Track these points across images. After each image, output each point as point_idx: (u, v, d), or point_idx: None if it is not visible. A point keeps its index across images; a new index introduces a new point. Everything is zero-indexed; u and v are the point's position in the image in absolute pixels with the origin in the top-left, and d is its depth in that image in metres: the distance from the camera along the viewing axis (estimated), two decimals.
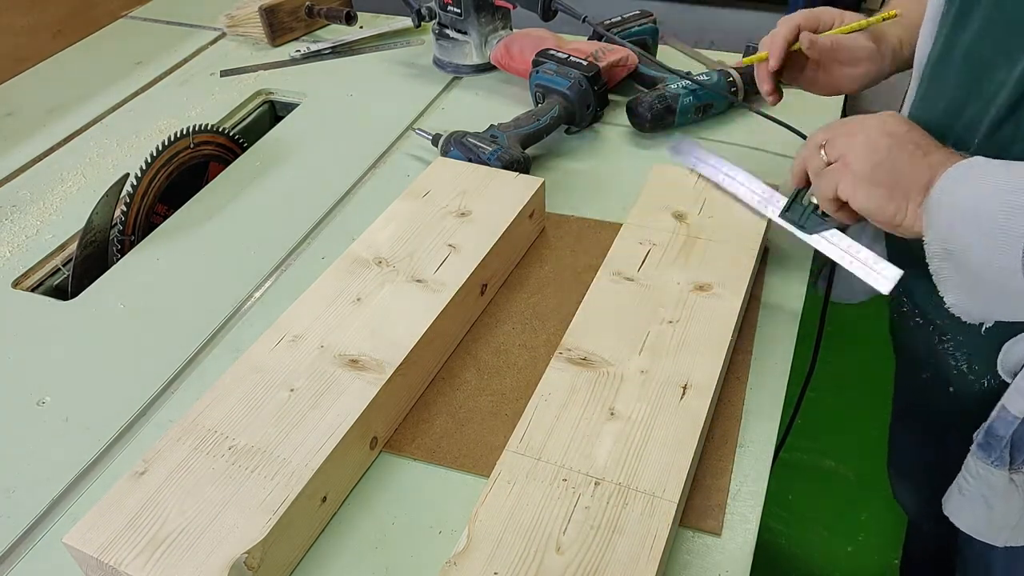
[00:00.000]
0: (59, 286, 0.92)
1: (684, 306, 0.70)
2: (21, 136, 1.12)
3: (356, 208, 0.95)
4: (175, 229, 0.93)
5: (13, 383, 0.75)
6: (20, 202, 1.00)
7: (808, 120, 0.94)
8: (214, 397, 0.63)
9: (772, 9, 1.81)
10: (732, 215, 0.80)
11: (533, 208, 0.84)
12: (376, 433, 0.65)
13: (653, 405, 0.62)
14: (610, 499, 0.56)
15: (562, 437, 0.60)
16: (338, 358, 0.66)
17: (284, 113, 1.19)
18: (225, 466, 0.58)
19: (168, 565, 0.52)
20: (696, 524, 0.60)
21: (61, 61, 1.32)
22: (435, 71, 1.21)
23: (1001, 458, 0.65)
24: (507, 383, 0.71)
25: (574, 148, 1.02)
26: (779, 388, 0.70)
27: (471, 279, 0.74)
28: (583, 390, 0.63)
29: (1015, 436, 0.63)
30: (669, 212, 0.80)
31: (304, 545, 0.60)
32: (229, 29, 1.34)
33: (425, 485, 0.64)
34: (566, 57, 1.03)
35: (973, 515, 0.69)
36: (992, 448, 0.65)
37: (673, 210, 0.81)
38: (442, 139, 0.95)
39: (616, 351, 0.66)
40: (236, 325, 0.80)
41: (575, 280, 0.81)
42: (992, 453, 0.65)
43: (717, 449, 0.65)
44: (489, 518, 0.55)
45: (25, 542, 0.63)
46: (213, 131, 1.04)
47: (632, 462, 0.58)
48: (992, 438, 0.65)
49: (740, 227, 0.78)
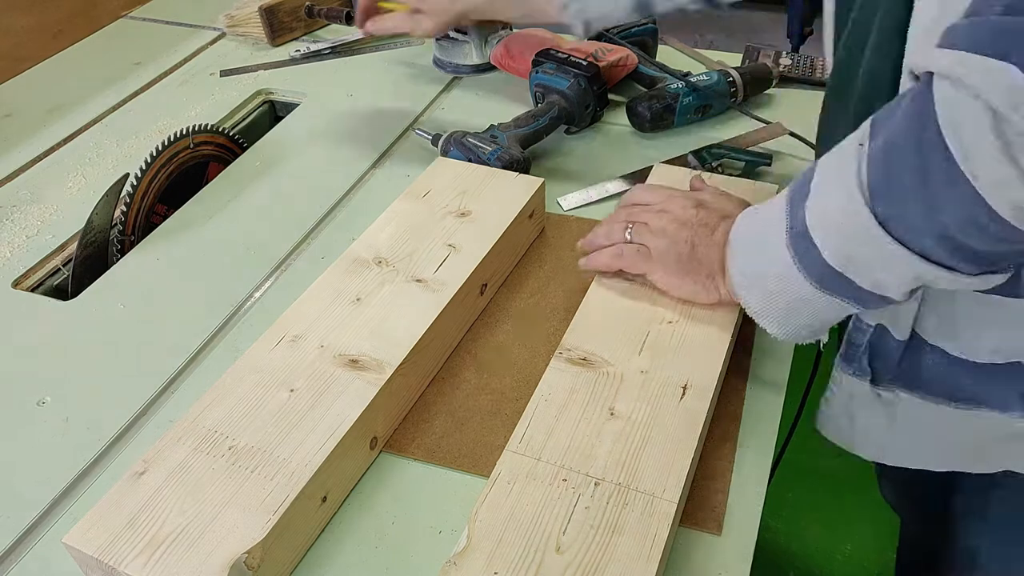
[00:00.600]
0: (59, 286, 0.92)
1: (684, 306, 0.70)
2: (21, 136, 1.12)
3: (356, 208, 0.95)
4: (175, 229, 0.93)
5: (13, 383, 0.75)
6: (20, 202, 1.00)
7: (801, 121, 0.95)
8: (214, 397, 0.63)
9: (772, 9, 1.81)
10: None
11: (533, 208, 0.84)
12: (376, 433, 0.65)
13: (653, 405, 0.62)
14: (610, 499, 0.56)
15: (562, 437, 0.60)
16: (338, 358, 0.66)
17: (284, 113, 1.19)
18: (225, 466, 0.58)
19: (168, 565, 0.52)
20: (696, 524, 0.60)
21: (61, 61, 1.32)
22: (435, 71, 1.21)
23: (861, 368, 0.66)
24: (507, 383, 0.71)
25: (574, 148, 1.02)
26: (780, 388, 0.70)
27: (471, 279, 0.74)
28: (583, 390, 0.63)
29: (872, 347, 0.65)
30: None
31: (304, 545, 0.60)
32: (229, 29, 1.34)
33: (425, 485, 0.64)
34: (566, 57, 1.03)
35: (837, 426, 0.72)
36: (851, 358, 0.66)
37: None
38: (442, 139, 0.95)
39: (616, 351, 0.66)
40: (236, 325, 0.80)
41: (575, 280, 0.81)
42: (852, 363, 0.66)
43: (717, 449, 0.65)
44: (489, 518, 0.55)
45: (25, 542, 0.63)
46: (213, 131, 1.04)
47: (632, 462, 0.58)
48: (851, 347, 0.66)
49: None
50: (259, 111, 1.20)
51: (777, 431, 0.67)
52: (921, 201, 0.48)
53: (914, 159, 0.47)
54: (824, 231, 0.54)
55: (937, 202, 0.47)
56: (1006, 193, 0.44)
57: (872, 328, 0.64)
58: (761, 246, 0.60)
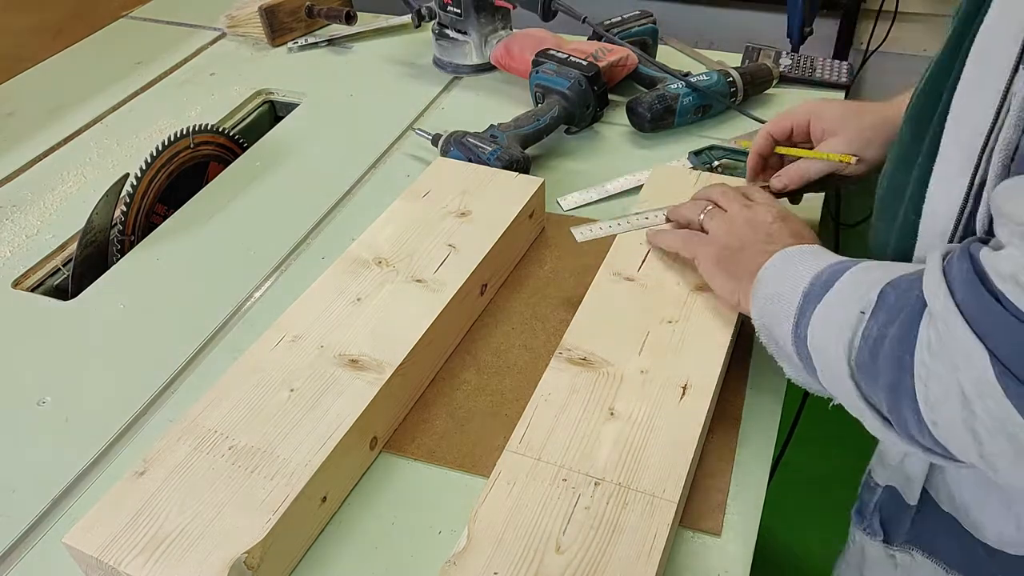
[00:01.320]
0: (59, 286, 0.92)
1: (684, 306, 0.70)
2: (21, 136, 1.12)
3: (356, 208, 0.95)
4: (175, 229, 0.93)
5: (13, 383, 0.75)
6: (20, 202, 1.00)
7: None
8: (214, 397, 0.63)
9: (772, 9, 1.81)
10: None
11: (533, 208, 0.84)
12: (376, 433, 0.65)
13: (653, 405, 0.62)
14: (610, 499, 0.56)
15: (562, 437, 0.60)
16: (338, 358, 0.66)
17: (284, 113, 1.19)
18: (225, 466, 0.58)
19: (168, 565, 0.52)
20: (696, 524, 0.60)
21: (61, 61, 1.32)
22: (435, 71, 1.21)
23: (872, 527, 0.66)
24: (507, 383, 0.71)
25: (574, 148, 1.02)
26: (779, 388, 0.70)
27: (471, 279, 0.74)
28: (583, 390, 0.63)
29: (882, 508, 0.65)
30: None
31: (304, 545, 0.60)
32: (229, 29, 1.34)
33: (425, 485, 0.64)
34: (566, 57, 1.03)
35: None
36: (863, 516, 0.67)
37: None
38: (442, 139, 0.95)
39: (616, 351, 0.66)
40: (236, 325, 0.80)
41: (575, 280, 0.81)
42: (863, 520, 0.67)
43: (717, 449, 0.65)
44: (489, 518, 0.55)
45: (25, 542, 0.63)
46: (213, 131, 1.04)
47: (632, 462, 0.58)
48: (862, 504, 0.67)
49: None
50: (259, 111, 1.20)
51: (777, 431, 0.67)
52: (889, 400, 0.48)
53: (892, 373, 0.47)
54: (816, 353, 0.54)
55: (901, 409, 0.47)
56: (954, 441, 0.45)
57: (881, 488, 0.64)
58: (775, 305, 0.59)
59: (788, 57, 1.13)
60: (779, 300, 0.58)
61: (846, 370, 0.51)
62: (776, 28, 1.74)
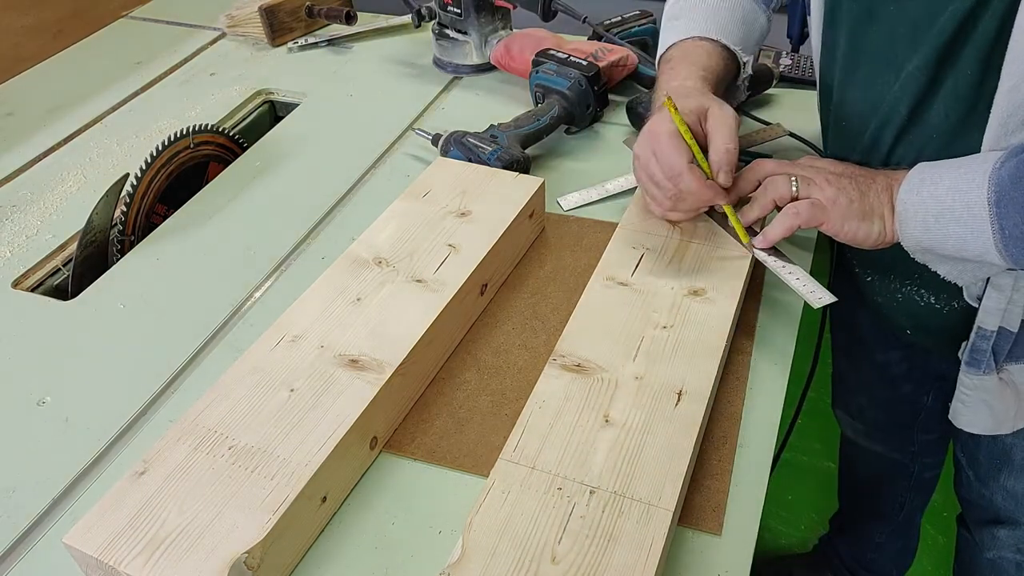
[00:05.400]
0: (59, 286, 0.92)
1: (678, 311, 0.70)
2: (21, 136, 1.12)
3: (356, 208, 0.95)
4: (175, 229, 0.93)
5: (13, 383, 0.75)
6: (20, 202, 1.00)
7: (801, 122, 0.95)
8: (214, 397, 0.63)
9: None
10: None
11: (533, 208, 0.84)
12: (376, 433, 0.65)
13: (648, 412, 0.62)
14: (605, 508, 0.55)
15: (556, 445, 0.60)
16: (338, 358, 0.66)
17: (284, 113, 1.19)
18: (225, 466, 0.58)
19: (168, 565, 0.52)
20: (696, 524, 0.60)
21: (61, 61, 1.32)
22: (435, 71, 1.21)
23: (989, 366, 0.75)
24: (507, 383, 0.71)
25: (574, 148, 1.02)
26: (779, 388, 0.70)
27: (471, 279, 0.74)
28: (577, 397, 0.63)
29: (994, 346, 0.74)
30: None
31: (304, 545, 0.60)
32: (229, 29, 1.34)
33: (425, 485, 0.64)
34: (566, 57, 1.03)
35: (979, 418, 0.79)
36: (979, 362, 0.75)
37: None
38: (442, 139, 0.95)
39: (610, 357, 0.66)
40: (236, 325, 0.80)
41: (575, 280, 0.81)
42: (980, 366, 0.75)
43: (717, 449, 0.65)
44: (483, 528, 0.54)
45: (25, 542, 0.63)
46: (213, 131, 1.04)
47: (627, 470, 0.58)
48: (976, 353, 0.74)
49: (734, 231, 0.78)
50: (259, 111, 1.20)
51: (776, 431, 0.67)
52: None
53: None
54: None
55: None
56: None
57: (994, 333, 0.72)
58: (949, 223, 0.65)
59: (788, 57, 1.13)
60: (941, 217, 0.65)
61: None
62: (776, 28, 1.73)
